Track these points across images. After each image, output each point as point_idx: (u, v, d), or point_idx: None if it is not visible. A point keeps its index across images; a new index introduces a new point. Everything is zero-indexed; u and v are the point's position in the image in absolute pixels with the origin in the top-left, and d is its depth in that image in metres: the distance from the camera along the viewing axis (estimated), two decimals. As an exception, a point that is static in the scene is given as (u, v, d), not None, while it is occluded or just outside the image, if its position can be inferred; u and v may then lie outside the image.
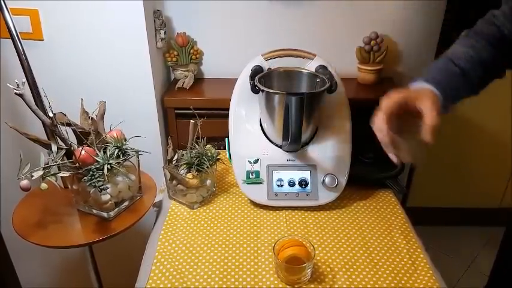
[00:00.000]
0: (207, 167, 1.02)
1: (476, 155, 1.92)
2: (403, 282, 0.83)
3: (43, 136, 1.02)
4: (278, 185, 1.02)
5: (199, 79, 1.61)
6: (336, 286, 0.81)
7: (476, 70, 0.81)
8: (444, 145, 1.87)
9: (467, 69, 0.80)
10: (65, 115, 1.00)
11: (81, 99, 1.02)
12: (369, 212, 1.03)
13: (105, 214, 1.01)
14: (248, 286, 0.81)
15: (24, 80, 0.96)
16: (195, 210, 1.03)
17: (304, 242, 0.85)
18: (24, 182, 0.87)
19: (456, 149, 1.90)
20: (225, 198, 1.08)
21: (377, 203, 1.06)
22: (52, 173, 0.91)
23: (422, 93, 0.74)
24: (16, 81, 0.87)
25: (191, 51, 1.53)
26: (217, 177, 1.16)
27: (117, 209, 1.02)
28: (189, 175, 1.03)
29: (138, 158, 1.04)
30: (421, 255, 0.89)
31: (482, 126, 1.85)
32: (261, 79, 1.02)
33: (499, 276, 1.07)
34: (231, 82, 1.14)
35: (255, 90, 1.01)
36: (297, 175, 1.03)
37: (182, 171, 1.04)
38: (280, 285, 0.81)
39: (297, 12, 1.51)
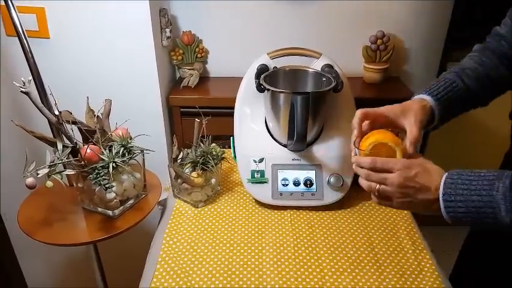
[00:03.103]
0: (212, 166, 1.02)
1: (482, 154, 1.90)
2: (408, 283, 0.82)
3: (49, 134, 1.03)
4: (283, 185, 1.02)
5: (204, 78, 1.62)
6: (341, 287, 0.81)
7: (484, 88, 0.81)
8: (449, 144, 1.86)
9: (474, 86, 0.80)
10: (71, 113, 1.01)
11: (87, 97, 1.02)
12: (375, 212, 1.02)
13: (110, 212, 1.01)
14: (252, 286, 0.81)
15: (30, 78, 0.96)
16: (199, 209, 1.03)
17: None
18: (30, 180, 0.87)
19: (461, 149, 1.89)
20: (230, 197, 1.08)
21: (382, 203, 1.06)
22: (57, 171, 0.91)
23: (408, 110, 0.75)
24: (22, 79, 0.87)
25: (196, 49, 1.53)
26: (222, 176, 1.15)
27: (122, 207, 1.03)
28: (194, 174, 1.02)
29: (143, 156, 1.04)
30: (427, 256, 0.89)
31: (487, 124, 1.83)
32: (266, 78, 1.02)
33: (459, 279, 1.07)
34: (236, 81, 1.13)
35: (260, 89, 1.01)
36: (302, 175, 1.02)
37: (187, 170, 1.04)
38: (285, 286, 0.81)
39: (303, 10, 1.50)
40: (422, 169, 0.68)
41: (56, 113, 0.93)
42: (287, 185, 1.02)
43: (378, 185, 0.70)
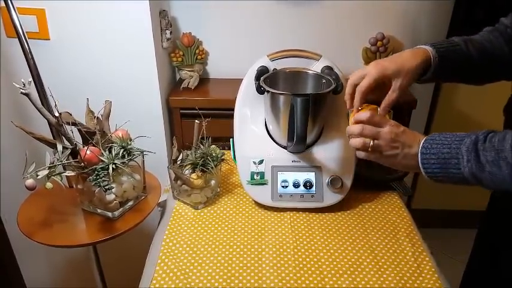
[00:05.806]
0: (212, 168, 1.02)
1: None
2: (408, 285, 0.82)
3: (49, 135, 1.03)
4: (283, 186, 1.02)
5: (204, 79, 1.62)
6: (341, 288, 0.81)
7: (486, 63, 0.84)
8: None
9: (477, 57, 0.83)
10: (71, 114, 1.01)
11: (87, 98, 1.02)
12: (374, 214, 1.02)
13: (109, 214, 1.01)
14: None
15: (31, 79, 0.97)
16: (199, 211, 1.03)
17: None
18: (30, 181, 0.87)
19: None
20: (230, 198, 1.08)
21: (382, 205, 1.06)
22: (57, 172, 0.91)
23: (400, 71, 0.81)
24: (22, 80, 0.87)
25: (196, 51, 1.53)
26: (222, 177, 1.15)
27: (121, 208, 1.03)
28: (194, 175, 1.02)
29: (143, 157, 1.04)
30: (427, 258, 0.89)
31: (483, 124, 1.83)
32: (266, 80, 1.02)
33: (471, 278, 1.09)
34: (236, 82, 1.13)
35: (260, 90, 1.01)
36: (301, 176, 1.02)
37: (187, 172, 1.04)
38: None
39: (303, 12, 1.51)
40: (408, 129, 0.77)
41: (56, 114, 0.93)
42: (287, 186, 1.02)
43: (371, 141, 0.77)
